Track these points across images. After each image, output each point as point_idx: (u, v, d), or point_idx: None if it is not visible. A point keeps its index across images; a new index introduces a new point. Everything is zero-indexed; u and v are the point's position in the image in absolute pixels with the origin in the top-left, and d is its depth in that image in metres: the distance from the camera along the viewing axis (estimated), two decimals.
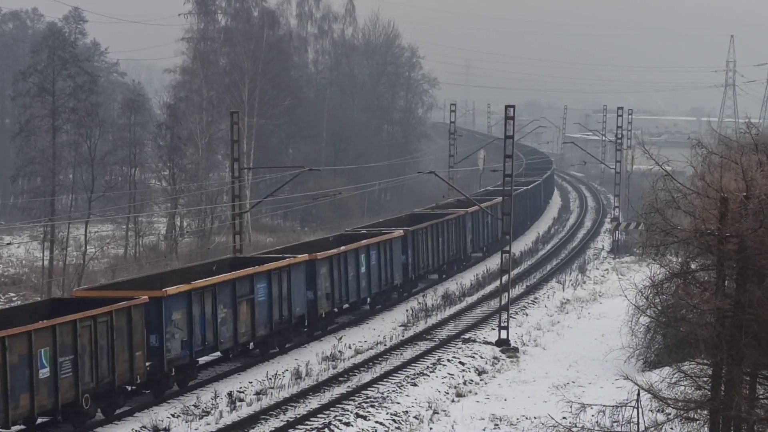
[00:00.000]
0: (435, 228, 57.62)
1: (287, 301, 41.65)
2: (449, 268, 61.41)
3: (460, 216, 62.03)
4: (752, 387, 23.61)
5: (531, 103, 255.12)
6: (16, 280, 63.82)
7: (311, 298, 43.51)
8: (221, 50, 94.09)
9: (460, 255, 62.70)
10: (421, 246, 55.26)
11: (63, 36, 78.09)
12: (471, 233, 64.11)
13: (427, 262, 56.57)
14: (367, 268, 48.51)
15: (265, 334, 40.30)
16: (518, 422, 33.17)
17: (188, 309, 35.08)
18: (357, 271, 47.53)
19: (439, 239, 58.00)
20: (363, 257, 48.16)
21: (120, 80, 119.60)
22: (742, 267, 22.84)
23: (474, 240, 65.30)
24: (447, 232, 59.56)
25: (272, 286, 40.53)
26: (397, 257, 51.72)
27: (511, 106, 45.33)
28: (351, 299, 47.55)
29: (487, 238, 68.30)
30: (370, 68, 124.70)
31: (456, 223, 61.27)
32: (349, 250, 46.75)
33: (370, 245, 49.11)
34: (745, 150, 25.85)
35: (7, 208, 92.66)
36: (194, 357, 35.98)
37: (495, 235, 68.35)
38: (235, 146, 51.34)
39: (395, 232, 52.22)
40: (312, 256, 43.54)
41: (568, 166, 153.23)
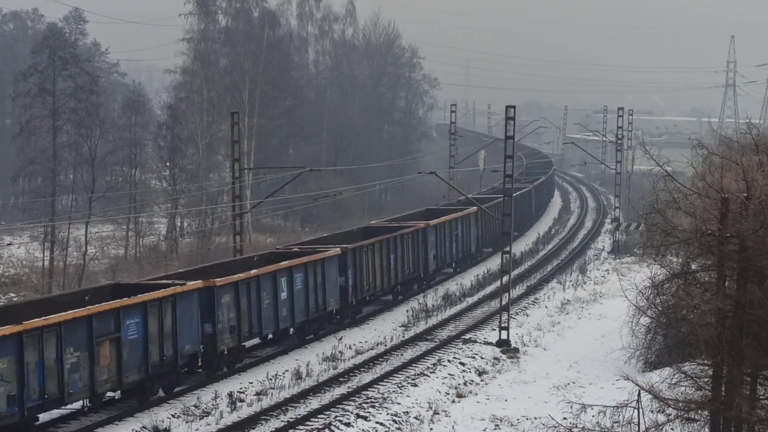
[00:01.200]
0: (384, 244, 51.01)
1: (171, 338, 34.30)
2: (406, 288, 54.88)
3: (418, 230, 55.43)
4: (753, 387, 23.61)
5: (531, 104, 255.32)
6: (16, 280, 63.80)
7: (209, 332, 36.43)
8: (222, 51, 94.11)
9: (420, 273, 55.93)
10: (366, 265, 48.61)
11: (63, 36, 78.00)
12: (435, 248, 57.66)
13: (374, 283, 49.73)
14: (290, 293, 41.65)
15: (127, 382, 32.75)
16: (519, 423, 33.17)
17: None
18: (275, 298, 40.61)
19: (390, 257, 51.43)
20: (284, 281, 41.32)
21: (120, 81, 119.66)
22: (743, 267, 22.83)
23: (439, 255, 58.78)
24: (402, 248, 52.93)
25: (148, 322, 33.25)
26: (332, 279, 45.12)
27: (511, 106, 45.32)
28: (266, 330, 40.74)
29: (456, 253, 62.09)
30: (371, 69, 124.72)
31: (413, 238, 54.59)
32: (262, 274, 39.98)
33: (294, 267, 42.18)
34: (746, 150, 25.85)
35: (8, 209, 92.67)
36: None
37: (467, 249, 63.80)
38: (236, 147, 51.33)
39: (330, 250, 45.55)
40: (209, 283, 36.59)
41: (569, 167, 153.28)
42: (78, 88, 67.25)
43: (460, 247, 62.43)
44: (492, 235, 68.89)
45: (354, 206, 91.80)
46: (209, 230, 73.30)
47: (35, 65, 68.22)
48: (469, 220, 62.91)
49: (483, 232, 67.24)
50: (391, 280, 52.12)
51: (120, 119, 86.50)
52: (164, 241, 75.02)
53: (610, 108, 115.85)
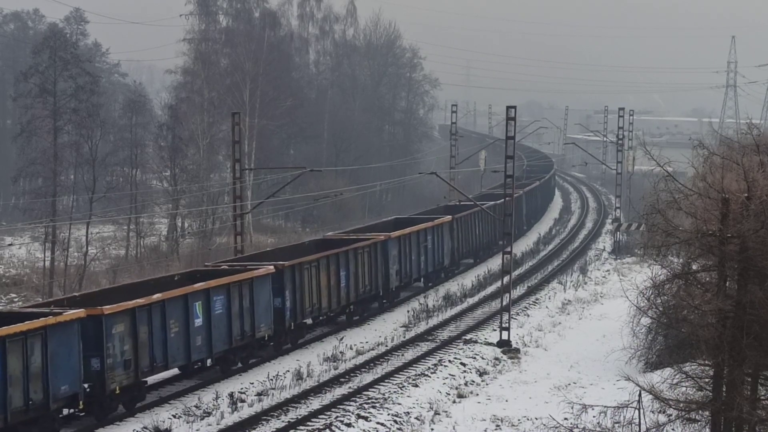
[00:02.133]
0: (333, 260, 45.55)
1: (41, 378, 29.14)
2: (362, 308, 49.46)
3: (377, 243, 50.05)
4: (754, 388, 23.62)
5: (532, 104, 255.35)
6: (17, 280, 63.87)
7: (96, 369, 31.52)
8: (222, 51, 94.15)
9: (378, 291, 50.38)
10: (309, 284, 43.16)
11: (64, 37, 78.04)
12: (398, 262, 51.94)
13: (319, 304, 44.14)
14: (207, 319, 36.29)
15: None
16: (519, 423, 33.17)
17: None
18: (185, 326, 35.21)
19: (341, 273, 46.06)
20: (198, 306, 35.91)
21: (121, 81, 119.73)
22: (744, 268, 22.84)
23: (403, 271, 53.09)
24: (356, 264, 47.55)
25: (8, 362, 27.99)
26: (263, 301, 39.71)
27: (512, 106, 45.31)
28: (174, 363, 35.31)
29: (426, 267, 56.53)
30: (371, 69, 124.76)
31: (371, 252, 49.27)
32: (169, 299, 34.55)
33: (212, 289, 36.78)
34: (747, 151, 25.86)
35: (9, 209, 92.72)
36: None
37: (438, 262, 58.35)
38: (237, 147, 51.34)
39: (261, 269, 40.13)
40: (95, 311, 31.47)
41: (570, 167, 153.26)
42: (79, 89, 67.28)
43: (430, 261, 56.75)
44: (471, 245, 65.07)
45: (355, 207, 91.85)
46: (210, 231, 73.33)
47: (36, 66, 68.24)
48: (441, 231, 57.87)
49: (459, 243, 62.13)
50: (342, 299, 46.40)
51: (121, 120, 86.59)
52: (165, 241, 75.05)
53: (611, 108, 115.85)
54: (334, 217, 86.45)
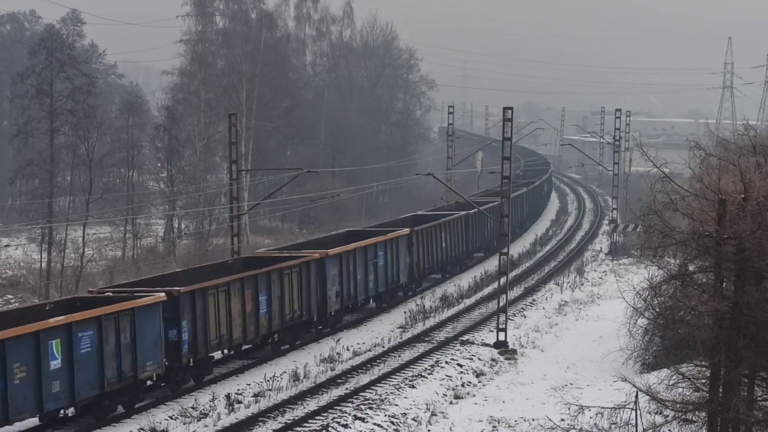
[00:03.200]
0: (250, 282, 39.29)
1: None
2: (291, 336, 42.85)
3: (310, 262, 43.82)
4: (750, 389, 23.61)
5: (529, 105, 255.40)
6: (14, 282, 63.82)
7: None
8: (219, 52, 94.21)
9: (312, 316, 44.12)
10: (216, 311, 36.94)
11: (61, 38, 78.00)
12: (338, 283, 46.10)
13: (229, 335, 37.96)
14: (68, 360, 30.22)
15: None
16: (516, 424, 33.17)
17: None
18: (37, 369, 29.12)
19: (260, 298, 39.92)
20: (56, 344, 29.80)
21: (118, 82, 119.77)
22: (740, 269, 22.84)
23: (346, 292, 47.07)
24: (280, 286, 41.20)
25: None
26: (151, 335, 33.55)
27: (509, 108, 45.34)
28: (18, 416, 28.93)
29: (376, 286, 50.38)
30: (368, 70, 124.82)
31: (301, 272, 42.96)
32: (9, 338, 28.22)
33: (75, 323, 30.59)
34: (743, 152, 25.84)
35: (5, 210, 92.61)
36: None
37: (393, 280, 52.26)
38: (233, 148, 51.33)
39: (147, 296, 33.85)
40: None
41: (566, 168, 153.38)
42: (75, 90, 67.26)
43: (382, 279, 50.72)
44: (437, 260, 59.32)
45: (352, 208, 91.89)
46: (207, 232, 73.31)
47: (32, 67, 68.22)
48: (396, 245, 52.03)
49: (421, 258, 56.15)
50: (262, 328, 40.12)
51: (117, 121, 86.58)
52: (162, 242, 75.03)
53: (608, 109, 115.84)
54: (331, 218, 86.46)
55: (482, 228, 68.32)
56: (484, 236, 69.20)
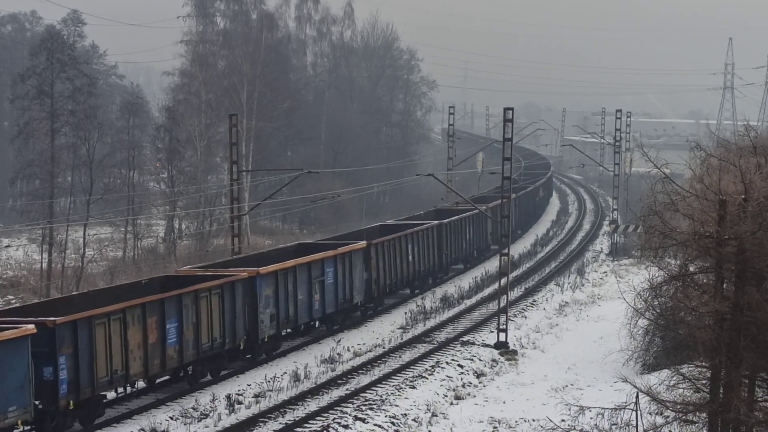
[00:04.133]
0: (151, 308, 33.94)
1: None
2: (213, 366, 37.87)
3: (235, 282, 38.34)
4: (751, 390, 23.61)
5: (529, 106, 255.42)
6: (14, 282, 63.80)
7: None
8: (220, 53, 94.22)
9: (239, 344, 38.65)
10: (107, 343, 31.80)
11: (61, 38, 77.97)
12: (273, 305, 40.64)
13: (125, 369, 32.70)
14: None
15: None
16: (517, 425, 33.17)
17: None
18: None
19: (167, 326, 34.46)
20: None
21: (119, 83, 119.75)
22: (741, 269, 22.84)
23: (283, 316, 41.43)
24: (195, 311, 35.90)
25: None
26: (14, 376, 28.43)
27: (509, 108, 45.34)
28: None
29: (323, 307, 44.78)
30: (369, 71, 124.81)
31: (224, 294, 37.63)
32: None
33: None
34: (744, 152, 25.86)
35: (6, 211, 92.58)
36: None
37: (345, 299, 46.81)
38: (234, 149, 51.35)
39: (13, 329, 28.75)
40: None
41: (567, 169, 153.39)
42: (76, 90, 67.24)
43: (331, 299, 45.28)
44: (403, 275, 53.74)
45: (352, 208, 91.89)
46: (207, 232, 73.31)
47: (33, 67, 68.20)
48: (349, 261, 46.84)
49: (381, 274, 50.63)
50: (170, 361, 34.90)
51: (118, 121, 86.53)
52: (162, 243, 75.03)
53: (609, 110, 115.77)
54: (332, 219, 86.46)
55: (459, 238, 63.07)
56: (462, 247, 63.94)
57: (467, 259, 65.97)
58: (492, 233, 69.73)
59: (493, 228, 68.75)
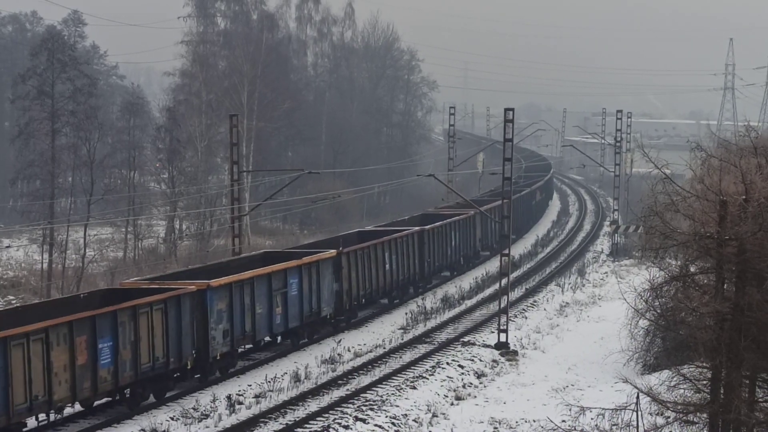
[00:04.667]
0: (80, 327, 30.80)
1: None
2: (158, 387, 34.73)
3: (181, 296, 34.83)
4: (752, 390, 23.61)
5: (530, 106, 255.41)
6: (15, 282, 63.81)
7: None
8: (220, 53, 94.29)
9: (184, 363, 35.35)
10: (26, 366, 28.78)
11: (62, 39, 78.00)
12: (227, 320, 37.45)
13: (48, 394, 29.55)
14: None
15: None
16: (517, 425, 33.17)
17: None
18: None
19: (98, 345, 31.29)
20: None
21: (119, 83, 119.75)
22: (742, 270, 22.84)
23: (239, 331, 38.31)
24: (133, 329, 32.85)
25: None
26: None
27: (510, 109, 45.35)
28: None
29: (287, 321, 41.73)
30: (370, 71, 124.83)
31: (167, 310, 34.24)
32: None
33: None
34: (744, 153, 25.86)
35: (6, 211, 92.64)
36: None
37: (312, 312, 43.57)
38: (234, 149, 51.34)
39: None
40: None
41: (568, 169, 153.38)
42: (77, 91, 67.24)
43: (295, 312, 42.19)
44: (378, 284, 50.51)
45: (353, 209, 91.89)
46: (208, 233, 73.31)
47: (34, 68, 68.19)
48: (316, 271, 43.74)
49: (353, 284, 47.47)
50: (103, 383, 31.68)
51: (119, 122, 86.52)
52: (163, 243, 75.03)
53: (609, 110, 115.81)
54: (332, 219, 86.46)
55: (444, 245, 59.62)
56: (447, 255, 60.40)
57: (453, 266, 62.76)
58: (481, 239, 67.18)
59: (483, 234, 66.75)
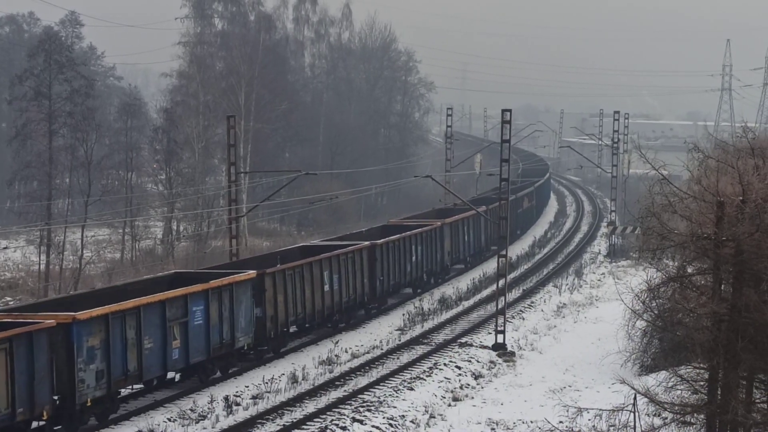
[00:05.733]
0: None
1: None
2: None
3: (32, 333, 28.74)
4: (749, 391, 23.62)
5: (527, 107, 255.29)
6: (12, 284, 63.75)
7: None
8: (218, 54, 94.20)
9: (38, 414, 29.18)
10: None
11: (59, 40, 77.95)
12: (101, 359, 31.38)
13: None
14: None
15: None
16: (515, 426, 33.18)
17: None
18: None
19: None
20: None
21: (116, 84, 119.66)
22: (739, 271, 22.85)
23: (118, 372, 32.29)
24: None
25: None
26: None
27: (507, 110, 45.36)
28: None
29: (187, 356, 35.58)
30: (367, 72, 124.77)
31: (12, 350, 28.15)
32: None
33: None
34: (742, 154, 25.89)
35: (4, 212, 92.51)
36: None
37: (224, 341, 37.45)
38: (232, 150, 51.33)
39: None
40: None
41: (565, 170, 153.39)
42: (74, 92, 67.16)
43: (198, 345, 35.88)
44: (315, 309, 44.03)
45: (350, 210, 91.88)
46: (205, 234, 73.27)
47: (31, 69, 68.13)
48: (229, 295, 37.60)
49: (280, 309, 41.28)
50: None
51: (116, 123, 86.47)
52: (160, 244, 74.99)
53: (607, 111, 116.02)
54: (330, 221, 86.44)
55: (402, 260, 52.82)
56: (406, 271, 53.55)
57: (416, 284, 56.18)
58: (450, 252, 60.62)
59: (453, 246, 60.79)
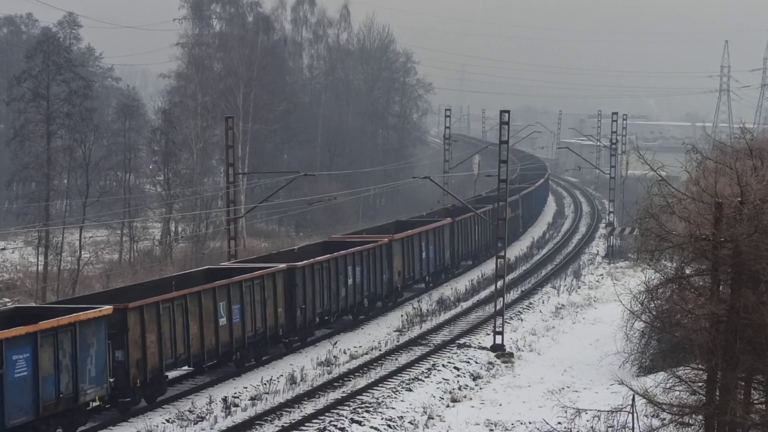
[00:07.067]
0: None
1: None
2: None
3: None
4: (747, 392, 23.63)
5: (526, 108, 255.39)
6: (10, 285, 63.69)
7: None
8: (216, 55, 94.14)
9: None
10: None
11: (57, 41, 77.90)
12: None
13: None
14: None
15: None
16: (513, 427, 33.17)
17: None
18: None
19: None
20: None
21: (115, 85, 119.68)
22: (737, 272, 22.86)
23: None
24: None
25: None
26: None
27: (505, 111, 45.38)
28: None
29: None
30: (365, 73, 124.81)
31: None
32: None
33: None
34: (740, 155, 25.89)
35: (2, 213, 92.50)
36: None
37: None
38: (230, 151, 51.32)
39: None
40: None
41: (563, 171, 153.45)
42: (72, 93, 67.12)
43: (28, 400, 28.38)
44: (205, 349, 36.11)
45: (349, 211, 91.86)
46: (204, 235, 73.24)
47: (29, 70, 68.08)
48: (69, 339, 29.56)
49: (151, 352, 33.18)
50: None
51: (114, 124, 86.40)
52: (158, 245, 74.95)
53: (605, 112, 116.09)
54: (328, 222, 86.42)
55: (335, 284, 45.27)
56: (339, 297, 46.00)
57: (352, 310, 48.06)
58: (402, 272, 52.72)
59: (406, 265, 53.03)
